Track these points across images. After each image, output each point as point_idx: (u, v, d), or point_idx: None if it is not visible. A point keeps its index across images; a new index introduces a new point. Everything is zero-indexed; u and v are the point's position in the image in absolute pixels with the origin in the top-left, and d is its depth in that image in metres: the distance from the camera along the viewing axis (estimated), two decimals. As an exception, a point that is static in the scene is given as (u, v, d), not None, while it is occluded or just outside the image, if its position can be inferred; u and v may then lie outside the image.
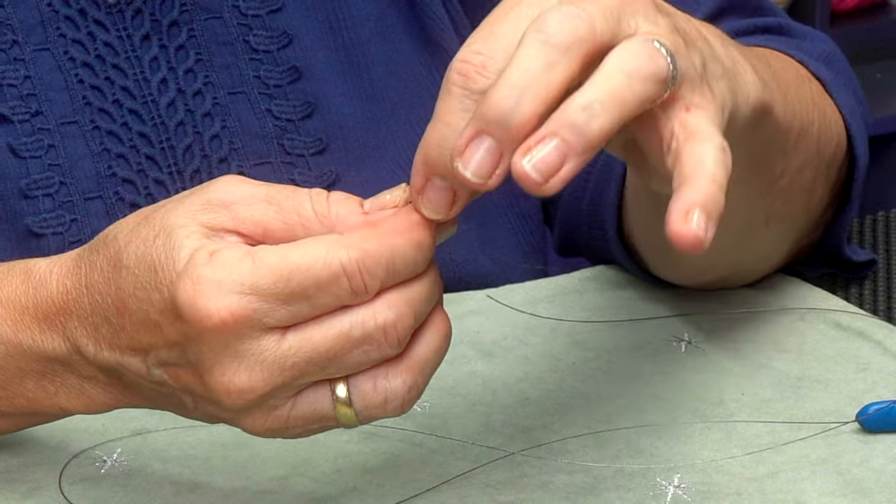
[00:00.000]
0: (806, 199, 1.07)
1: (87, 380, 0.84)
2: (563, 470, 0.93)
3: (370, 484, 0.92)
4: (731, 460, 0.93)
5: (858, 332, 1.07)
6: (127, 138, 1.06)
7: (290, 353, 0.76)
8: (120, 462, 0.94)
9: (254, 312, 0.75)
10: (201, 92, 1.08)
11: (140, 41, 1.06)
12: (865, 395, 0.99)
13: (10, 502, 0.90)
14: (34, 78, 1.04)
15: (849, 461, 0.93)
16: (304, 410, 0.78)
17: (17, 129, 1.04)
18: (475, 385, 1.02)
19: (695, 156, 0.74)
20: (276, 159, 1.08)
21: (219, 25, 1.08)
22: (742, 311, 1.10)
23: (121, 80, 1.06)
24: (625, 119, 0.73)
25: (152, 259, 0.77)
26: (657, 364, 1.04)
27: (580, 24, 0.73)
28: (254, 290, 0.74)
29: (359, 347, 0.76)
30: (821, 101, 1.05)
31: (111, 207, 1.05)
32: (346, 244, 0.75)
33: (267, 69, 1.09)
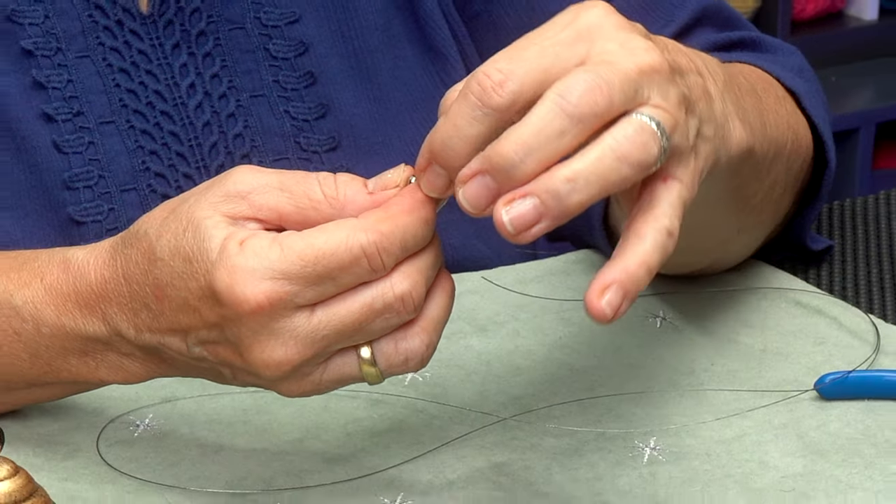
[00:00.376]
0: (775, 209, 1.07)
1: (126, 356, 0.84)
2: (551, 434, 0.93)
3: (377, 445, 0.92)
4: (702, 425, 0.94)
5: (816, 310, 1.07)
6: (159, 137, 1.06)
7: (320, 328, 0.76)
8: (151, 426, 0.94)
9: (286, 295, 0.75)
10: (226, 95, 1.08)
11: (171, 49, 1.06)
12: (822, 365, 0.99)
13: (52, 462, 0.90)
14: (76, 82, 1.04)
15: (807, 425, 0.94)
16: (333, 374, 0.79)
17: (60, 127, 1.04)
18: (471, 357, 1.02)
19: (640, 234, 0.75)
20: (292, 155, 1.08)
21: (242, 35, 1.08)
22: (711, 291, 1.09)
23: (153, 84, 1.06)
24: (604, 195, 0.73)
25: (185, 251, 0.77)
26: (635, 338, 1.05)
27: (599, 100, 0.72)
28: (284, 275, 0.75)
29: (380, 316, 0.77)
30: (793, 120, 1.04)
31: (144, 199, 1.05)
32: (364, 228, 0.75)
33: (285, 74, 1.09)
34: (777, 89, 1.05)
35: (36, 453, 0.91)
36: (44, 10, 1.04)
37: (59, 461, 0.91)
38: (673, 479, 0.89)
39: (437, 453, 0.92)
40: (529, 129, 0.72)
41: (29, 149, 1.03)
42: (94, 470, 0.90)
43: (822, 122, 1.08)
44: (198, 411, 0.96)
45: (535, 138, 0.72)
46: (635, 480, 0.89)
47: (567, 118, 0.72)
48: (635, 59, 0.74)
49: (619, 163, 0.72)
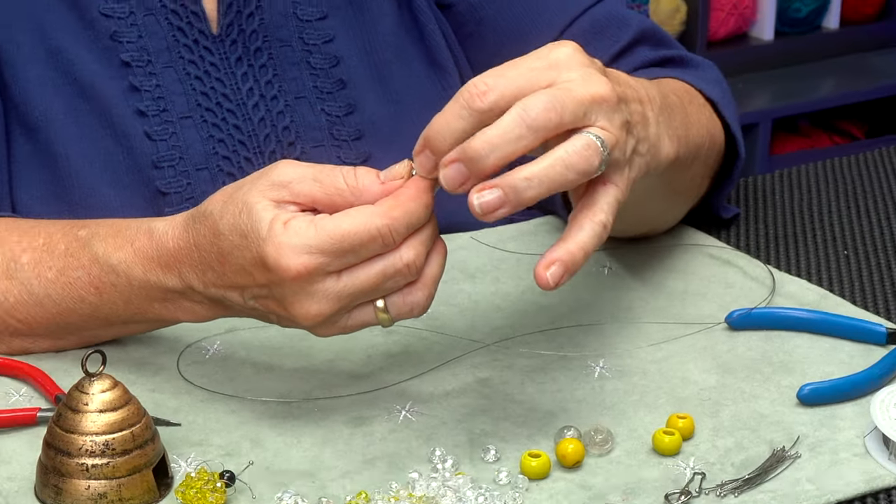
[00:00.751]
0: (696, 192, 1.08)
1: (196, 304, 0.85)
2: (523, 356, 0.93)
3: (391, 364, 0.92)
4: (639, 349, 0.94)
5: (726, 261, 1.07)
6: (225, 129, 1.05)
7: (346, 289, 0.78)
8: (218, 350, 0.94)
9: (319, 265, 0.77)
10: (276, 97, 1.07)
11: (234, 62, 1.06)
12: (731, 304, 0.99)
13: (143, 378, 0.90)
14: (162, 86, 1.04)
15: (720, 350, 0.94)
16: (356, 321, 0.81)
17: (150, 120, 1.03)
18: (462, 298, 1.02)
19: (581, 225, 0.79)
20: (327, 143, 1.08)
21: (289, 51, 1.08)
22: (646, 246, 1.09)
23: (221, 88, 1.06)
24: (553, 192, 0.76)
25: (242, 228, 0.79)
26: (588, 283, 1.04)
27: (553, 116, 0.75)
28: (318, 249, 0.77)
29: (391, 279, 0.79)
30: (710, 124, 1.04)
31: (214, 176, 1.04)
32: (379, 214, 0.77)
33: (322, 81, 1.08)
34: (698, 99, 1.05)
35: (130, 371, 0.91)
36: (138, 31, 1.03)
37: (148, 377, 0.91)
38: (617, 391, 0.89)
39: (437, 371, 0.92)
40: (496, 132, 0.75)
41: (126, 137, 1.03)
42: (175, 384, 0.91)
43: (733, 123, 1.08)
44: (253, 339, 0.96)
45: (499, 139, 0.75)
46: (588, 392, 0.89)
47: (526, 127, 0.75)
48: (589, 88, 0.77)
49: (566, 170, 0.76)
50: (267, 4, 1.07)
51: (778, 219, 1.17)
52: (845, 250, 1.10)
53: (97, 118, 1.03)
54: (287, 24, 1.08)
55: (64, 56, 1.02)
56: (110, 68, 1.03)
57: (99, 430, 0.76)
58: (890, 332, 0.94)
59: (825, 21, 3.03)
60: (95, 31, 1.03)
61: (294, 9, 1.08)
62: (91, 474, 0.76)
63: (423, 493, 0.78)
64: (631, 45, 1.10)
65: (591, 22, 1.10)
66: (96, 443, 0.76)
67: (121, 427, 0.77)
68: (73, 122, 1.02)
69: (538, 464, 0.80)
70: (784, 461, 0.81)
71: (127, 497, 0.77)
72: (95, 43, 1.03)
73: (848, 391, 0.87)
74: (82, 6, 1.03)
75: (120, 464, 0.76)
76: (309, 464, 0.82)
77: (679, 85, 1.05)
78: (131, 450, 0.77)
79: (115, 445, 0.76)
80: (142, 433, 0.77)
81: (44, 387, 0.88)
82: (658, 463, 0.81)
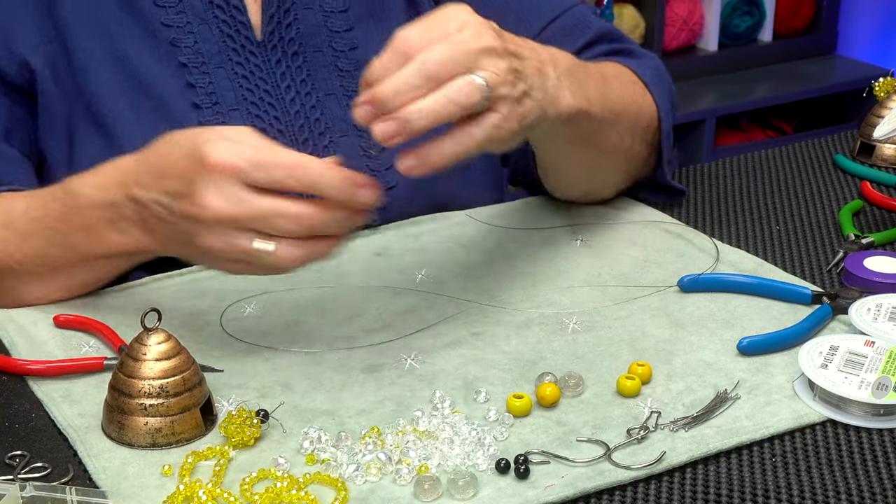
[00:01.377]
0: (626, 156, 1.06)
1: (133, 224, 0.85)
2: (509, 313, 0.93)
3: (397, 321, 0.92)
4: (605, 308, 0.94)
5: (678, 235, 1.07)
6: (267, 119, 1.04)
7: (251, 201, 0.78)
8: (255, 308, 0.94)
9: (241, 168, 0.78)
10: (310, 93, 1.06)
11: (275, 63, 1.05)
12: (682, 270, 0.98)
13: (192, 332, 0.90)
14: (214, 83, 1.03)
15: (672, 308, 0.94)
16: (237, 246, 0.79)
17: (203, 112, 1.03)
18: (458, 265, 1.01)
19: (454, 133, 0.79)
20: (351, 133, 1.07)
21: (321, 56, 1.07)
22: (611, 223, 1.09)
23: (263, 85, 1.05)
24: (440, 122, 0.77)
25: (189, 134, 0.82)
26: (563, 252, 1.04)
27: (446, 66, 0.77)
28: (246, 157, 0.78)
29: (285, 220, 0.78)
30: (640, 99, 1.05)
31: None
32: (305, 159, 0.78)
33: (348, 81, 1.08)
34: (629, 77, 1.06)
35: (181, 325, 0.91)
36: (194, 38, 1.03)
37: (196, 331, 0.91)
38: (587, 343, 0.89)
39: (436, 326, 0.91)
40: (399, 80, 0.77)
41: (183, 127, 1.02)
42: (218, 338, 0.90)
43: (661, 101, 1.08)
44: (284, 299, 0.95)
45: (402, 86, 0.77)
46: (563, 344, 0.89)
47: (423, 73, 0.77)
48: (479, 42, 0.79)
49: (449, 102, 0.77)
50: (303, 17, 1.06)
51: (721, 200, 1.16)
52: (777, 226, 1.10)
53: (157, 113, 1.02)
54: (319, 34, 1.07)
55: (130, 62, 1.02)
56: (169, 68, 1.02)
57: (155, 376, 0.76)
58: (814, 293, 0.94)
59: (761, 34, 3.04)
60: (157, 39, 1.02)
61: (325, 21, 1.08)
62: (148, 412, 0.76)
63: (426, 428, 0.77)
64: (591, 42, 1.11)
65: (561, 26, 1.11)
66: (153, 386, 0.76)
67: (173, 373, 0.76)
68: (136, 119, 1.01)
69: (521, 404, 0.79)
70: (726, 402, 0.81)
71: (178, 431, 0.76)
72: (157, 48, 1.02)
73: (779, 343, 0.87)
74: (146, 18, 1.02)
75: (172, 404, 0.76)
76: (330, 404, 0.81)
77: (614, 66, 1.06)
78: (182, 392, 0.77)
79: (168, 388, 0.76)
80: (191, 378, 0.77)
81: (109, 339, 0.88)
82: (621, 403, 0.81)
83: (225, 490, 0.71)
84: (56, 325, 0.91)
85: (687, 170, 1.23)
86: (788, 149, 1.29)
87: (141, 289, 0.98)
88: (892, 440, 0.78)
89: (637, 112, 1.04)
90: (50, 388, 0.83)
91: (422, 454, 0.74)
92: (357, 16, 1.09)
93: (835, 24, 3.10)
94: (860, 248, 1.03)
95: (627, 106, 1.02)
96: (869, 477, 0.74)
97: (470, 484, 0.71)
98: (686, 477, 0.74)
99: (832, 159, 1.26)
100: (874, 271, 0.96)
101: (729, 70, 2.97)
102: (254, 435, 0.76)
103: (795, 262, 1.03)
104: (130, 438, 0.76)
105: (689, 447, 0.76)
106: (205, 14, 1.03)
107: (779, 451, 0.77)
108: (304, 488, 0.72)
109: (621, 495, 0.73)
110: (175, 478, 0.73)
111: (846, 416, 0.79)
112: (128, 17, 1.02)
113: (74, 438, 0.77)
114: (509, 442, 0.77)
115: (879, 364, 0.81)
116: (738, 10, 2.96)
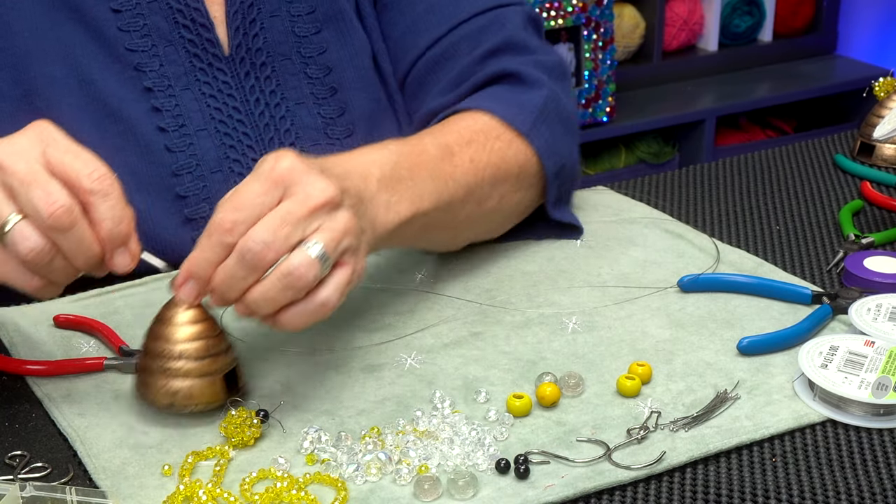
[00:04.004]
0: (495, 211, 0.99)
1: None
2: (509, 313, 0.93)
3: (399, 320, 0.92)
4: (605, 308, 0.94)
5: (678, 235, 1.06)
6: (235, 136, 1.03)
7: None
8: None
9: None
10: (279, 104, 1.05)
11: (244, 76, 1.04)
12: (682, 270, 0.98)
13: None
14: (181, 105, 1.02)
15: (672, 308, 0.94)
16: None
17: (170, 135, 1.01)
18: (458, 265, 1.01)
19: (297, 305, 0.75)
20: (323, 142, 1.06)
21: (289, 64, 1.06)
22: (611, 223, 1.09)
23: (232, 102, 1.04)
24: (288, 302, 0.75)
25: None
26: (563, 253, 1.03)
27: (270, 249, 0.73)
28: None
29: (36, 188, 0.73)
30: (502, 153, 0.97)
31: (227, 177, 1.03)
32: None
33: (317, 89, 1.07)
34: (494, 133, 0.98)
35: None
36: (159, 61, 1.01)
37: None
38: (587, 343, 0.89)
39: (436, 326, 0.91)
40: (225, 275, 0.74)
41: (149, 151, 1.01)
42: (218, 337, 0.90)
43: (540, 143, 1.00)
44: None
45: (230, 281, 0.74)
46: (563, 344, 0.89)
47: (249, 267, 0.73)
48: (310, 201, 0.74)
49: (285, 288, 0.74)
50: (269, 26, 1.05)
51: (721, 200, 1.16)
52: (777, 226, 1.10)
53: (123, 136, 1.00)
54: (287, 41, 1.06)
55: (95, 85, 1.00)
56: (134, 92, 1.01)
57: (178, 339, 0.77)
58: (814, 294, 0.94)
59: (761, 34, 3.04)
60: (122, 64, 1.00)
61: (293, 27, 1.06)
62: (169, 374, 0.77)
63: (426, 428, 0.77)
64: (496, 51, 1.06)
65: (475, 27, 1.07)
66: (175, 349, 0.77)
67: (196, 338, 0.77)
68: (101, 141, 0.98)
69: (521, 404, 0.79)
70: (726, 402, 0.81)
71: (197, 396, 0.77)
72: (121, 73, 1.00)
73: (779, 343, 0.87)
74: (110, 43, 1.00)
75: (193, 368, 0.77)
76: (330, 404, 0.81)
77: (472, 124, 0.98)
78: (204, 357, 0.77)
79: (190, 353, 0.77)
80: (215, 345, 0.78)
81: (109, 339, 0.88)
82: (621, 403, 0.81)
83: (225, 490, 0.71)
84: (56, 325, 0.91)
85: (687, 170, 1.23)
86: (788, 149, 1.29)
87: (141, 288, 0.98)
88: (892, 440, 0.78)
89: (497, 170, 0.97)
90: (50, 388, 0.83)
91: (422, 454, 0.74)
92: (324, 16, 1.07)
93: (835, 24, 3.10)
94: (860, 248, 1.03)
95: (478, 177, 0.95)
96: (869, 477, 0.74)
97: (470, 484, 0.71)
98: (686, 477, 0.74)
99: (832, 159, 1.26)
100: (874, 271, 0.96)
101: (729, 70, 2.97)
102: (254, 435, 0.76)
103: (795, 262, 1.02)
104: (151, 398, 0.78)
105: (689, 447, 0.76)
106: (171, 35, 1.02)
107: (779, 451, 0.77)
108: (304, 488, 0.72)
109: (621, 495, 0.73)
110: (175, 478, 0.73)
111: (846, 416, 0.79)
112: (92, 42, 1.00)
113: (74, 438, 0.77)
114: (509, 442, 0.77)
115: (879, 364, 0.81)
116: (738, 10, 2.96)
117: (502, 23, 1.07)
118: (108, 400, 0.81)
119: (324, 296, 0.75)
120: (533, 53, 1.08)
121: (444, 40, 1.07)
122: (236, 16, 1.03)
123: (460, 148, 0.95)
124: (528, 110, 1.01)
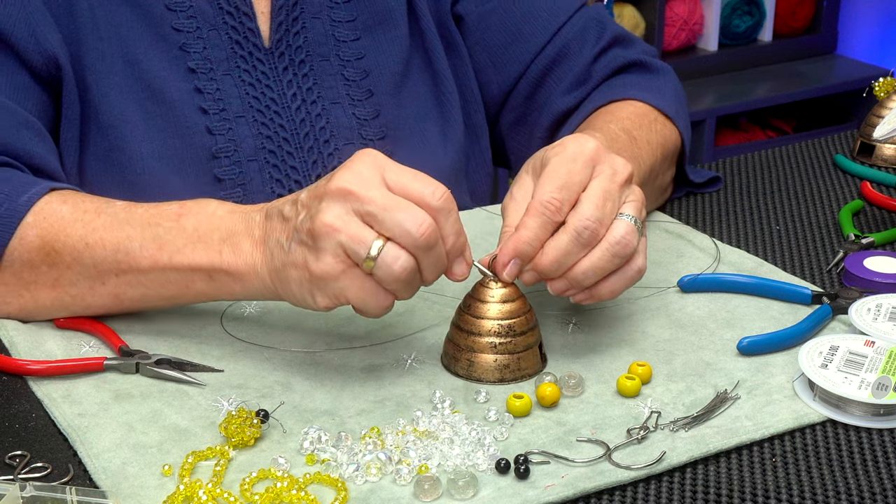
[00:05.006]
0: (662, 181, 1.09)
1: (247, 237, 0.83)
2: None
3: (399, 321, 0.92)
4: (606, 308, 0.93)
5: (678, 235, 1.07)
6: (272, 127, 1.05)
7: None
8: (255, 308, 0.94)
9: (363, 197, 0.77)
10: (315, 101, 1.07)
11: (282, 71, 1.06)
12: (682, 270, 0.98)
13: (192, 332, 0.90)
14: (221, 90, 1.03)
15: (673, 308, 0.94)
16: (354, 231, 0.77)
17: (211, 118, 1.03)
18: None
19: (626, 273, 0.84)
20: (356, 142, 1.08)
21: (327, 65, 1.08)
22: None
23: (269, 93, 1.05)
24: (606, 275, 0.83)
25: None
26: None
27: (602, 226, 0.80)
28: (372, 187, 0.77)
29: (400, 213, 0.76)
30: (661, 137, 1.06)
31: (262, 166, 1.04)
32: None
33: (353, 90, 1.08)
34: (652, 116, 1.07)
35: (182, 325, 0.91)
36: (203, 43, 1.03)
37: (196, 331, 0.91)
38: (588, 342, 0.89)
39: (437, 326, 0.91)
40: (559, 253, 0.80)
41: (189, 132, 1.03)
42: (218, 338, 0.90)
43: (682, 123, 1.10)
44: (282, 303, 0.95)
45: (562, 258, 0.80)
46: (563, 343, 0.89)
47: (583, 245, 0.80)
48: (617, 178, 0.82)
49: (613, 257, 0.80)
50: (311, 26, 1.07)
51: (721, 200, 1.16)
52: (777, 226, 1.10)
53: (165, 117, 1.02)
54: (327, 43, 1.08)
55: (140, 65, 1.02)
56: (178, 73, 1.02)
57: (503, 316, 0.82)
58: (814, 294, 0.93)
59: (760, 35, 3.04)
60: (167, 43, 1.02)
61: (333, 31, 1.08)
62: (497, 350, 0.81)
63: (426, 428, 0.77)
64: (608, 46, 1.13)
65: (581, 27, 1.13)
66: (501, 325, 0.82)
67: (517, 314, 0.82)
68: (143, 122, 1.01)
69: (521, 404, 0.79)
70: (726, 402, 0.81)
71: (523, 367, 0.82)
72: (167, 53, 1.02)
73: (779, 343, 0.87)
74: (157, 22, 1.02)
75: (519, 342, 0.82)
76: (330, 404, 0.81)
77: (633, 110, 1.06)
78: (526, 331, 0.82)
79: (515, 327, 0.82)
80: (531, 319, 0.83)
81: (109, 339, 0.88)
82: (621, 403, 0.81)
83: (225, 490, 0.71)
84: (56, 325, 0.91)
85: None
86: (788, 149, 1.29)
87: (141, 289, 0.97)
88: (892, 440, 0.78)
89: (663, 154, 1.06)
90: (50, 388, 0.83)
91: (422, 454, 0.74)
92: (364, 25, 1.09)
93: (835, 24, 3.10)
94: (860, 248, 1.03)
95: (654, 156, 1.04)
96: (869, 477, 0.74)
97: (470, 484, 0.71)
98: (686, 477, 0.74)
99: (832, 159, 1.26)
100: (874, 271, 0.96)
101: (729, 70, 2.97)
102: (254, 435, 0.76)
103: (795, 262, 1.02)
104: (480, 374, 0.82)
105: (689, 447, 0.76)
106: (215, 20, 1.04)
107: (779, 451, 0.77)
108: (304, 488, 0.72)
109: (621, 495, 0.73)
110: (175, 478, 0.73)
111: (846, 416, 0.79)
112: (139, 21, 1.02)
113: (74, 438, 0.77)
114: (509, 442, 0.77)
115: (879, 364, 0.81)
116: (738, 10, 2.96)
117: (598, 20, 1.13)
118: (108, 400, 0.81)
119: (640, 262, 0.83)
120: (636, 44, 1.15)
121: (552, 44, 1.12)
122: (280, 11, 1.05)
123: (637, 133, 1.02)
124: (666, 95, 1.10)
